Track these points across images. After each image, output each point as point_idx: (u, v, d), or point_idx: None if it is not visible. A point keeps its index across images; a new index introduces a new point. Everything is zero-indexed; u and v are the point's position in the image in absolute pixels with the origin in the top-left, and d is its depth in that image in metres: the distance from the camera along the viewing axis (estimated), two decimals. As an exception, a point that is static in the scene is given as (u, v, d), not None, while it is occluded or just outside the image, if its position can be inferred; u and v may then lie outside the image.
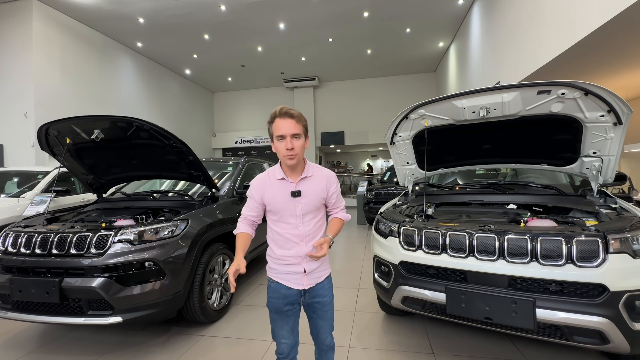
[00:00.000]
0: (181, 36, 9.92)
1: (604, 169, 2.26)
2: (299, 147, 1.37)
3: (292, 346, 1.50)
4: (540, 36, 5.17)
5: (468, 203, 2.80)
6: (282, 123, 1.36)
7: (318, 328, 1.53)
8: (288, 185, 1.43)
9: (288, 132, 1.35)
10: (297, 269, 1.44)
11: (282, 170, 1.45)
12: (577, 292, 1.66)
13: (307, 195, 1.43)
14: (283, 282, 1.46)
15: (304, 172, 1.45)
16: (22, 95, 7.48)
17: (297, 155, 1.38)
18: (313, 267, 1.46)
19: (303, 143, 1.40)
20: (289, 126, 1.35)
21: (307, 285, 1.46)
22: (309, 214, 1.44)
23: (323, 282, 1.51)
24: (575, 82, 1.92)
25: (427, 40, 10.83)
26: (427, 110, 2.40)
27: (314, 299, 1.49)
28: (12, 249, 2.34)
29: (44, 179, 4.59)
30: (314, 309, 1.51)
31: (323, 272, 1.52)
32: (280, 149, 1.38)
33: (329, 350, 1.58)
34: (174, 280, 2.34)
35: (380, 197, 6.90)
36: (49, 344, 2.50)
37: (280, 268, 1.47)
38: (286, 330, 1.48)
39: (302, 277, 1.45)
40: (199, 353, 2.34)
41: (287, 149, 1.35)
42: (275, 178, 1.45)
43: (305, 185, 1.44)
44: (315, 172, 1.49)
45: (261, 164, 4.62)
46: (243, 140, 15.84)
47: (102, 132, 2.63)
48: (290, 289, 1.45)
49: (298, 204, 1.42)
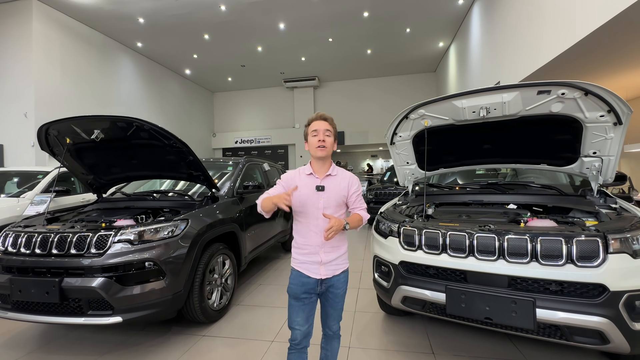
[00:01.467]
0: (181, 36, 9.92)
1: (604, 169, 2.26)
2: (329, 142, 1.60)
3: (305, 335, 1.60)
4: (540, 36, 5.17)
5: (468, 203, 2.80)
6: (317, 124, 1.61)
7: (328, 314, 1.67)
8: (314, 180, 1.61)
9: (321, 128, 1.59)
10: (315, 258, 1.59)
11: (311, 167, 1.64)
12: (577, 292, 1.66)
13: (329, 191, 1.59)
14: (303, 271, 1.61)
15: (329, 171, 1.64)
16: (22, 95, 7.48)
17: (326, 148, 1.58)
18: (330, 258, 1.60)
19: (332, 141, 1.62)
20: (322, 125, 1.61)
21: (324, 275, 1.59)
22: (329, 209, 1.58)
23: (339, 275, 1.64)
24: (575, 82, 1.92)
25: (427, 40, 10.83)
26: (427, 110, 2.40)
27: (330, 289, 1.63)
28: (12, 249, 2.34)
29: (44, 179, 4.59)
30: (327, 297, 1.64)
31: (340, 266, 1.64)
32: (313, 143, 1.59)
33: (335, 338, 1.71)
34: (174, 280, 2.34)
35: (380, 197, 6.90)
36: (49, 344, 2.50)
37: (301, 258, 1.62)
38: (301, 317, 1.59)
39: (319, 266, 1.59)
40: (199, 353, 2.34)
41: (319, 140, 1.57)
42: (305, 174, 1.64)
43: (329, 182, 1.61)
44: (339, 172, 1.67)
45: (261, 164, 4.62)
46: (243, 140, 15.84)
47: (102, 132, 2.63)
48: (308, 277, 1.59)
49: (321, 197, 1.58)
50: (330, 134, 1.61)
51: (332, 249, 1.61)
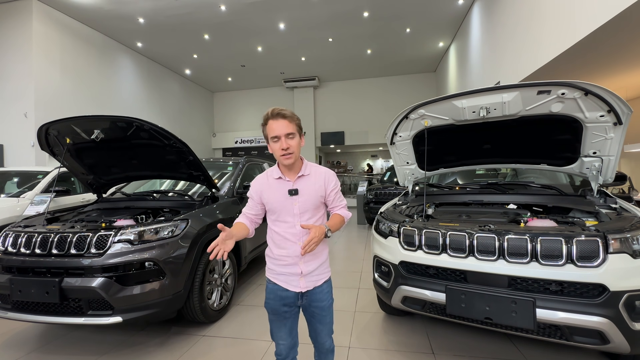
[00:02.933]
0: (181, 36, 9.92)
1: (604, 169, 2.26)
2: (294, 146, 1.38)
3: (290, 347, 1.49)
4: (540, 36, 5.17)
5: (468, 203, 2.80)
6: (275, 124, 1.36)
7: (317, 332, 1.51)
8: (285, 184, 1.44)
9: (282, 133, 1.35)
10: (294, 269, 1.43)
11: (280, 169, 1.46)
12: (577, 292, 1.66)
13: (304, 194, 1.42)
14: (280, 284, 1.45)
15: (301, 171, 1.45)
16: (22, 95, 7.48)
17: (293, 154, 1.38)
18: (310, 268, 1.44)
19: (298, 142, 1.41)
20: (282, 126, 1.36)
21: (304, 288, 1.44)
22: (306, 213, 1.43)
23: (322, 285, 1.48)
24: (575, 82, 1.92)
25: (427, 40, 10.83)
26: (427, 110, 2.40)
27: (312, 303, 1.46)
28: (12, 249, 2.34)
29: (44, 179, 4.59)
30: (312, 313, 1.49)
31: (322, 276, 1.48)
32: (276, 150, 1.38)
33: (329, 353, 1.56)
34: (174, 280, 2.34)
35: (380, 197, 6.90)
36: (49, 344, 2.50)
37: (278, 269, 1.46)
38: (284, 332, 1.48)
39: (299, 278, 1.43)
40: (199, 353, 2.34)
41: (282, 149, 1.36)
42: (273, 178, 1.46)
43: (302, 183, 1.44)
44: (312, 170, 1.49)
45: (261, 164, 4.62)
46: (243, 140, 15.84)
47: (102, 132, 2.63)
48: (287, 290, 1.44)
49: (295, 202, 1.41)
50: (293, 135, 1.37)
51: (312, 258, 1.44)
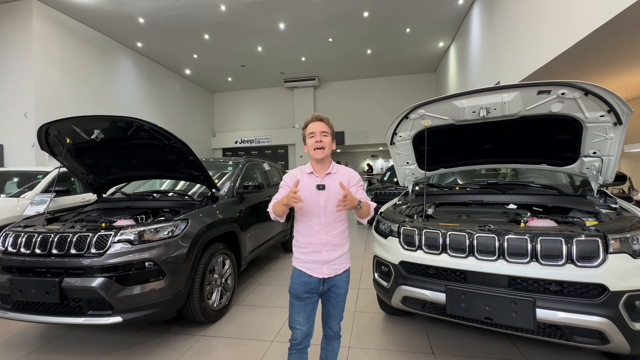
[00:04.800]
0: (181, 36, 9.93)
1: (604, 169, 2.25)
2: (326, 143, 1.61)
3: (306, 334, 1.61)
4: (540, 36, 5.17)
5: (468, 203, 2.80)
6: (313, 125, 1.63)
7: (329, 314, 1.68)
8: (315, 179, 1.63)
9: (318, 130, 1.61)
10: (317, 257, 1.60)
11: (312, 166, 1.66)
12: (577, 292, 1.66)
13: (330, 189, 1.60)
14: (305, 270, 1.61)
15: (329, 169, 1.66)
16: (22, 95, 7.48)
17: (324, 150, 1.59)
18: (332, 257, 1.60)
19: (330, 141, 1.64)
20: (319, 126, 1.62)
21: (326, 275, 1.60)
22: (330, 207, 1.59)
23: (341, 274, 1.65)
24: (575, 82, 1.92)
25: (427, 40, 10.84)
26: (427, 110, 2.40)
27: (332, 288, 1.63)
28: (12, 249, 2.33)
29: (44, 179, 4.59)
30: (329, 297, 1.65)
31: (343, 265, 1.65)
32: (311, 144, 1.61)
33: (336, 338, 1.72)
34: (174, 280, 2.33)
35: (380, 197, 6.90)
36: (49, 344, 2.50)
37: (304, 257, 1.62)
38: (302, 317, 1.60)
39: (322, 265, 1.60)
40: (199, 353, 2.34)
41: (316, 142, 1.59)
42: (306, 172, 1.67)
43: (329, 180, 1.62)
44: (339, 170, 1.69)
45: (261, 164, 4.62)
46: (243, 140, 15.85)
47: (102, 132, 2.63)
48: (310, 277, 1.60)
49: (322, 196, 1.59)
50: (327, 134, 1.62)
51: (334, 248, 1.61)
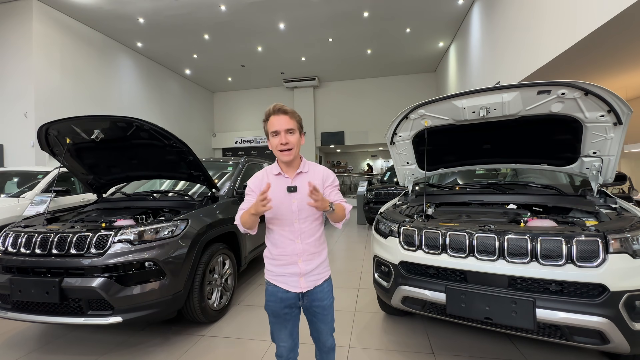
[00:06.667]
0: (181, 36, 9.92)
1: (604, 169, 2.26)
2: (293, 142, 1.38)
3: (291, 349, 1.49)
4: (540, 36, 5.17)
5: (468, 203, 2.80)
6: (276, 119, 1.37)
7: (319, 331, 1.51)
8: (284, 180, 1.43)
9: (282, 128, 1.36)
10: (293, 269, 1.41)
11: (279, 166, 1.46)
12: (577, 292, 1.66)
13: (303, 191, 1.38)
14: (280, 285, 1.43)
15: (299, 168, 1.45)
16: (22, 95, 7.48)
17: (291, 151, 1.38)
18: (310, 267, 1.43)
19: (298, 139, 1.41)
20: (283, 122, 1.36)
21: (304, 288, 1.42)
22: (304, 211, 1.41)
23: (322, 285, 1.47)
24: (575, 82, 1.92)
25: (427, 40, 10.83)
26: (427, 110, 2.40)
27: (314, 302, 1.45)
28: (12, 249, 2.34)
29: (44, 179, 4.59)
30: (314, 313, 1.47)
31: (322, 275, 1.47)
32: (275, 145, 1.38)
33: (330, 351, 1.56)
34: (174, 280, 2.34)
35: (380, 197, 6.90)
36: (49, 344, 2.50)
37: (277, 270, 1.44)
38: (285, 334, 1.46)
39: (299, 279, 1.42)
40: (199, 353, 2.34)
41: (281, 144, 1.36)
42: (272, 174, 1.46)
43: (301, 180, 1.42)
44: (311, 168, 1.49)
45: (261, 164, 4.61)
46: (243, 140, 15.84)
47: (102, 132, 2.63)
48: (287, 292, 1.42)
49: (294, 199, 1.40)
50: (293, 131, 1.38)
51: (311, 257, 1.43)
